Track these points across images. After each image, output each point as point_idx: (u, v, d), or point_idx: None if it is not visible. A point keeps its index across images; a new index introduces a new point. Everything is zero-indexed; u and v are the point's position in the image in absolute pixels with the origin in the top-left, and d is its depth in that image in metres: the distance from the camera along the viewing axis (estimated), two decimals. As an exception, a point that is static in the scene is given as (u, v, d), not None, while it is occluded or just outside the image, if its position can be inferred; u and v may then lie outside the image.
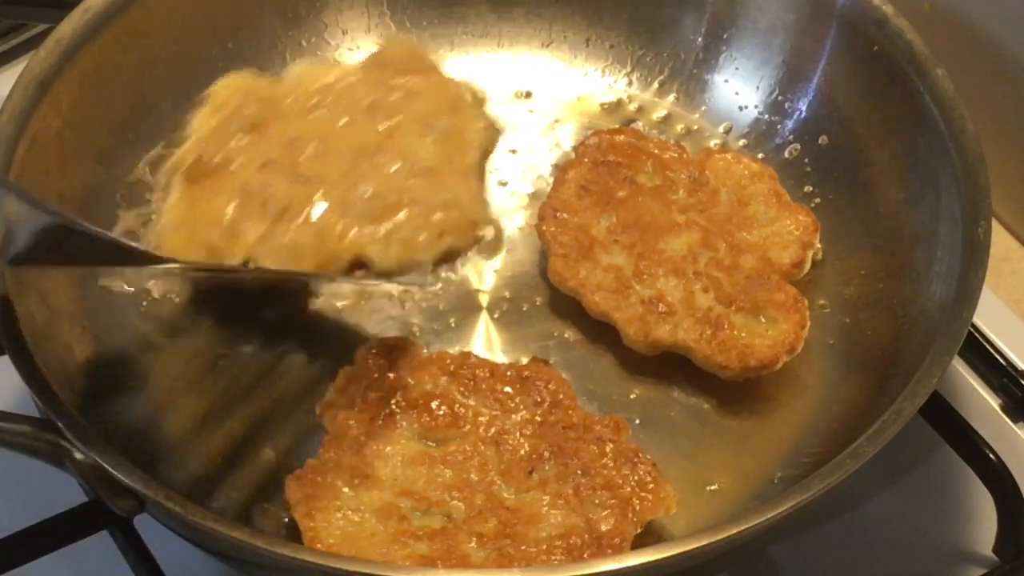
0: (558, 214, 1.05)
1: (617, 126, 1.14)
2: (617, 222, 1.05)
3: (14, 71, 1.07)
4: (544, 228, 1.05)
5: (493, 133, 1.02)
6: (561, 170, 1.08)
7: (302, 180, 1.02)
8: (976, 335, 1.08)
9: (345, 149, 1.05)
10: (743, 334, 0.98)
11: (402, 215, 1.00)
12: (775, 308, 0.99)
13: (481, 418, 0.94)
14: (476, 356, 0.97)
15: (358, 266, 1.01)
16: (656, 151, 1.09)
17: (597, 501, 0.89)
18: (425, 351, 1.00)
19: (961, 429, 1.01)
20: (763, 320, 0.99)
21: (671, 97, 1.19)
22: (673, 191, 1.07)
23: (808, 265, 1.04)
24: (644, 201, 1.06)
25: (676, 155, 1.09)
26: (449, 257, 1.01)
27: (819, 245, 1.06)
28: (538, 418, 0.93)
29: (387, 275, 1.00)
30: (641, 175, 1.08)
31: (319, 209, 1.01)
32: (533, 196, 1.13)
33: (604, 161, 1.08)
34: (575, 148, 1.10)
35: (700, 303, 1.00)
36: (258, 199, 1.02)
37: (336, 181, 1.03)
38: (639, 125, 1.16)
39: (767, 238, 1.04)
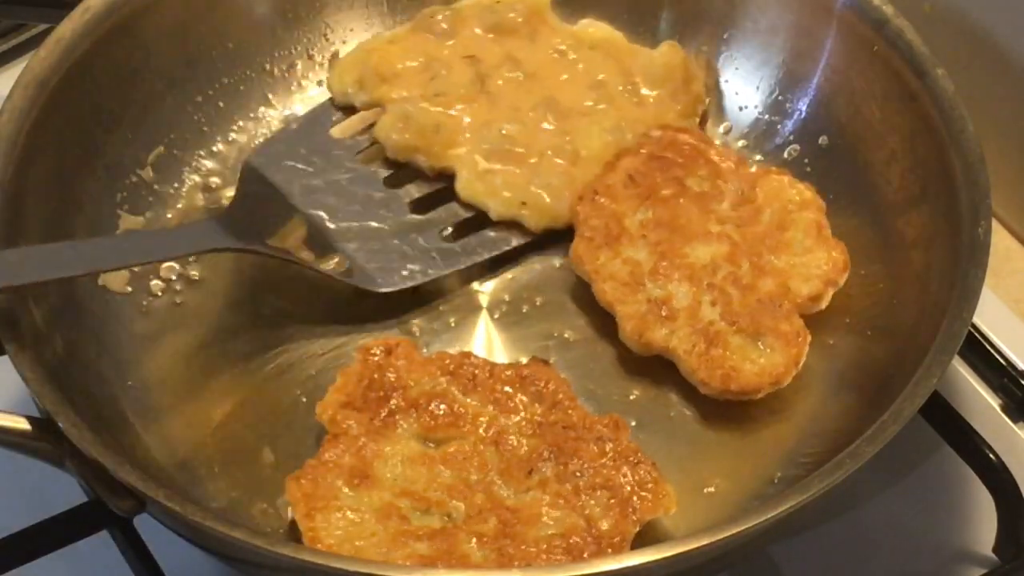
0: (597, 198, 1.05)
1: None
2: (652, 218, 1.04)
3: (14, 71, 1.07)
4: (579, 208, 1.04)
5: None
6: (616, 155, 1.07)
7: (479, 87, 1.08)
8: (976, 335, 1.08)
9: (538, 95, 1.10)
10: (734, 356, 0.97)
11: (512, 168, 1.05)
12: (776, 337, 0.98)
13: (481, 418, 0.93)
14: (476, 356, 0.97)
15: (444, 174, 1.06)
16: (716, 158, 1.07)
17: (597, 501, 0.89)
18: (425, 351, 1.00)
19: (961, 429, 1.01)
20: (760, 346, 0.98)
21: (671, 97, 1.18)
22: (718, 201, 1.05)
23: (826, 302, 1.02)
24: (685, 204, 1.05)
25: (733, 166, 1.07)
26: (513, 223, 1.06)
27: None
28: (538, 418, 0.93)
29: (459, 198, 1.06)
30: (691, 178, 1.06)
31: (465, 115, 1.07)
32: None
33: (660, 156, 1.07)
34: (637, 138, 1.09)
35: (704, 315, 0.99)
36: (430, 73, 1.09)
37: (502, 109, 1.08)
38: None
39: (794, 267, 1.02)
